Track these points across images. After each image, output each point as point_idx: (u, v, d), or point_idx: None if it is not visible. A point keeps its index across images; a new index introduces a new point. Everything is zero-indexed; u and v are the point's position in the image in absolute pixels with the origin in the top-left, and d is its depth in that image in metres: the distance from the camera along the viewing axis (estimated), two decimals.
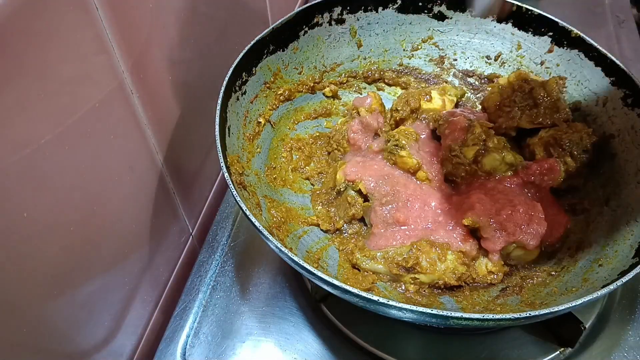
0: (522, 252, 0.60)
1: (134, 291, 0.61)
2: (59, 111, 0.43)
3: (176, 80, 0.62)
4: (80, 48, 0.44)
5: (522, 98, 0.68)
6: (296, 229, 0.63)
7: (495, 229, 0.58)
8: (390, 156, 0.66)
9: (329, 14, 0.74)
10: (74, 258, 0.48)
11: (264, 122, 0.69)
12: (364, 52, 0.79)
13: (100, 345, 0.56)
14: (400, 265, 0.57)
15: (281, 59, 0.71)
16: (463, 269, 0.58)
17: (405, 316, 0.45)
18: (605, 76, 0.67)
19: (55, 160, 0.43)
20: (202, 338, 0.62)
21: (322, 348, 0.61)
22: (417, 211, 0.62)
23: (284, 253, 0.48)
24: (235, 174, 0.58)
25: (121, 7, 0.48)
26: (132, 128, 0.55)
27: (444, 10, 0.76)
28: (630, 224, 0.57)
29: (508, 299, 0.57)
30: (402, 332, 0.61)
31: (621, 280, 0.47)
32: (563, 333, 0.59)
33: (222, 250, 0.71)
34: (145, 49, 0.53)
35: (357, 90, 0.80)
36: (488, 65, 0.78)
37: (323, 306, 0.63)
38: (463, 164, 0.64)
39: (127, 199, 0.56)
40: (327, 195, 0.68)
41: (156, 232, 0.63)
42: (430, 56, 0.80)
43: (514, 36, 0.75)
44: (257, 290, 0.66)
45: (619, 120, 0.65)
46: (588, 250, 0.59)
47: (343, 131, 0.72)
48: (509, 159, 0.63)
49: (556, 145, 0.64)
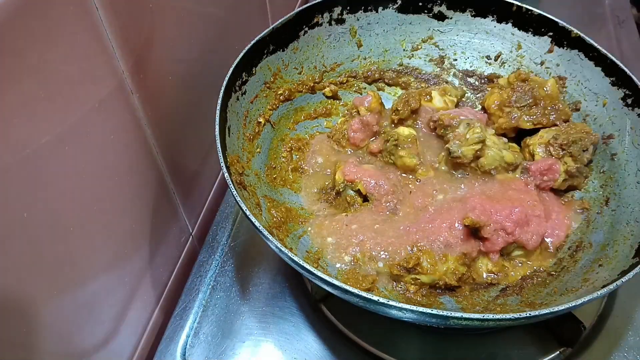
0: (522, 252, 0.60)
1: (134, 291, 0.61)
2: (59, 111, 0.43)
3: (176, 80, 0.62)
4: (80, 48, 0.44)
5: (522, 98, 0.68)
6: (296, 229, 0.62)
7: (495, 229, 0.58)
8: (389, 156, 0.67)
9: (329, 14, 0.74)
10: (74, 258, 0.48)
11: (264, 122, 0.69)
12: (364, 52, 0.79)
13: (100, 345, 0.56)
14: (400, 266, 0.57)
15: (281, 59, 0.71)
16: (463, 270, 0.58)
17: (405, 316, 0.45)
18: (605, 76, 0.67)
19: (55, 160, 0.43)
20: (202, 338, 0.62)
21: (322, 348, 0.61)
22: (417, 211, 0.62)
23: (284, 253, 0.48)
24: (235, 174, 0.58)
25: (121, 7, 0.48)
26: (132, 128, 0.55)
27: (444, 10, 0.76)
28: (630, 224, 0.57)
29: (508, 299, 0.57)
30: (402, 332, 0.61)
31: (621, 280, 0.47)
32: (563, 333, 0.59)
33: (222, 250, 0.71)
34: (145, 49, 0.53)
35: (357, 90, 0.80)
36: (488, 65, 0.78)
37: (323, 306, 0.63)
38: (463, 163, 0.64)
39: (127, 199, 0.56)
40: (327, 195, 0.68)
41: (156, 232, 0.63)
42: (430, 56, 0.80)
43: (514, 36, 0.75)
44: (257, 290, 0.66)
45: (619, 120, 0.65)
46: (588, 250, 0.59)
47: (343, 130, 0.72)
48: (508, 159, 0.63)
49: (556, 145, 0.64)
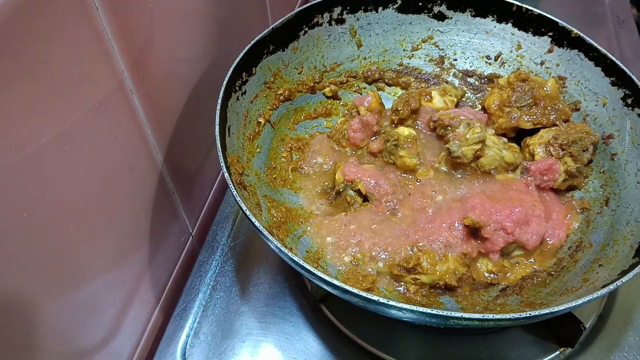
0: (522, 252, 0.60)
1: (134, 291, 0.61)
2: (59, 111, 0.43)
3: (176, 80, 0.62)
4: (80, 48, 0.44)
5: (522, 98, 0.68)
6: (296, 229, 0.62)
7: (495, 229, 0.58)
8: (389, 156, 0.67)
9: (329, 14, 0.74)
10: (74, 258, 0.48)
11: (264, 122, 0.69)
12: (364, 52, 0.79)
13: (100, 345, 0.56)
14: (401, 266, 0.57)
15: (281, 58, 0.71)
16: (463, 270, 0.58)
17: (405, 316, 0.45)
18: (605, 76, 0.67)
19: (55, 160, 0.43)
20: (202, 338, 0.62)
21: (322, 348, 0.61)
22: (417, 211, 0.62)
23: (284, 253, 0.48)
24: (235, 174, 0.58)
25: (121, 7, 0.48)
26: (132, 128, 0.55)
27: (444, 10, 0.76)
28: (630, 224, 0.57)
29: (508, 299, 0.57)
30: (402, 332, 0.61)
31: (621, 280, 0.47)
32: (563, 333, 0.59)
33: (222, 250, 0.71)
34: (145, 49, 0.53)
35: (357, 90, 0.80)
36: (488, 65, 0.78)
37: (323, 306, 0.63)
38: (463, 163, 0.64)
39: (127, 199, 0.56)
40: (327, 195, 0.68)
41: (156, 232, 0.63)
42: (430, 56, 0.80)
43: (514, 36, 0.75)
44: (257, 290, 0.66)
45: (619, 120, 0.65)
46: (588, 250, 0.59)
47: (343, 130, 0.72)
48: (508, 159, 0.63)
49: (556, 145, 0.64)
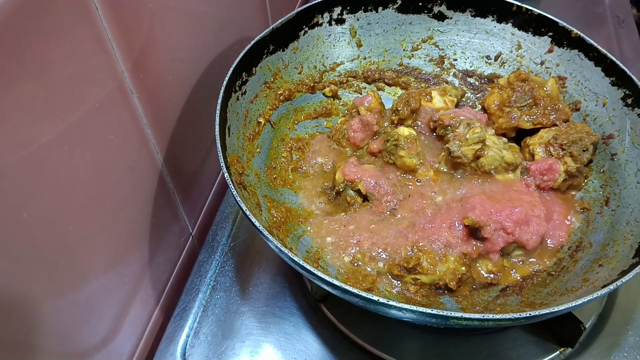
0: (522, 252, 0.60)
1: (134, 291, 0.61)
2: (59, 111, 0.43)
3: (176, 80, 0.62)
4: (80, 48, 0.44)
5: (522, 98, 0.68)
6: (296, 229, 0.62)
7: (495, 229, 0.58)
8: (389, 156, 0.67)
9: (329, 14, 0.74)
10: (74, 258, 0.48)
11: (264, 122, 0.69)
12: (364, 52, 0.79)
13: (100, 345, 0.56)
14: (401, 266, 0.57)
15: (281, 58, 0.71)
16: (464, 270, 0.58)
17: (405, 316, 0.45)
18: (605, 76, 0.67)
19: (55, 160, 0.43)
20: (202, 338, 0.62)
21: (322, 348, 0.61)
22: (417, 211, 0.62)
23: (284, 253, 0.48)
24: (235, 174, 0.58)
25: (121, 7, 0.48)
26: (132, 128, 0.55)
27: (444, 10, 0.76)
28: (630, 224, 0.57)
29: (508, 299, 0.57)
30: (402, 332, 0.61)
31: (621, 280, 0.47)
32: (563, 333, 0.59)
33: (222, 250, 0.71)
34: (145, 49, 0.53)
35: (357, 90, 0.80)
36: (488, 65, 0.78)
37: (323, 306, 0.63)
38: (463, 164, 0.64)
39: (127, 199, 0.56)
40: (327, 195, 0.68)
41: (156, 232, 0.63)
42: (430, 56, 0.80)
43: (514, 36, 0.75)
44: (257, 290, 0.66)
45: (619, 120, 0.65)
46: (588, 250, 0.59)
47: (343, 130, 0.72)
48: (508, 159, 0.63)
49: (556, 145, 0.64)
